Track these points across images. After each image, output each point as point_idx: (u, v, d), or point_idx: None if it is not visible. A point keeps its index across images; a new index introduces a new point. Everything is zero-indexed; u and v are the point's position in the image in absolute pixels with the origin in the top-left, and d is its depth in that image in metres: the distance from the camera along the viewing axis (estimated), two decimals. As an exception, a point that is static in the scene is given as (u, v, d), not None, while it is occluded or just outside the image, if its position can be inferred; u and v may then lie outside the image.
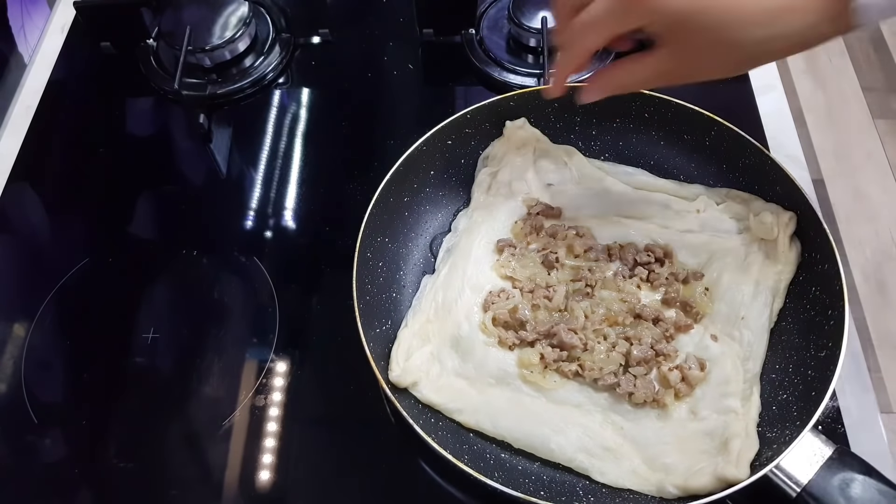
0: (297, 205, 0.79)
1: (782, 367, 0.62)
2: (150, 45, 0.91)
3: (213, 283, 0.74)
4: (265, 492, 0.62)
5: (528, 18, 0.85)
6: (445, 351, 0.64)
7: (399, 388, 0.61)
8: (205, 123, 0.85)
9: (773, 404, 0.60)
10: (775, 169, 0.67)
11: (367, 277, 0.65)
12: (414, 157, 0.70)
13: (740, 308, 0.64)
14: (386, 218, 0.69)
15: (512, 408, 0.61)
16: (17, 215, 0.81)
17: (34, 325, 0.71)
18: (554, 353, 0.62)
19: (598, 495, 0.57)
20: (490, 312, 0.65)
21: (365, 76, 0.90)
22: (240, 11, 0.89)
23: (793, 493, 0.54)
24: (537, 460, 0.60)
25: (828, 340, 0.59)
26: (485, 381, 0.63)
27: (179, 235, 0.78)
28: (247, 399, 0.66)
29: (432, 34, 0.91)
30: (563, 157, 0.74)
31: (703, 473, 0.55)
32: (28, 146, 0.85)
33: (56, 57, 0.93)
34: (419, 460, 0.62)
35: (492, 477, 0.54)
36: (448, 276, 0.67)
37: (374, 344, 0.61)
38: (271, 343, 0.69)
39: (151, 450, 0.64)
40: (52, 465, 0.64)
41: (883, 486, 0.53)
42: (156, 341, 0.70)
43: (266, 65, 0.89)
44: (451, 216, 0.74)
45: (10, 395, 0.68)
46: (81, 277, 0.74)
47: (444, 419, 0.61)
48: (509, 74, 0.86)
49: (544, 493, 0.56)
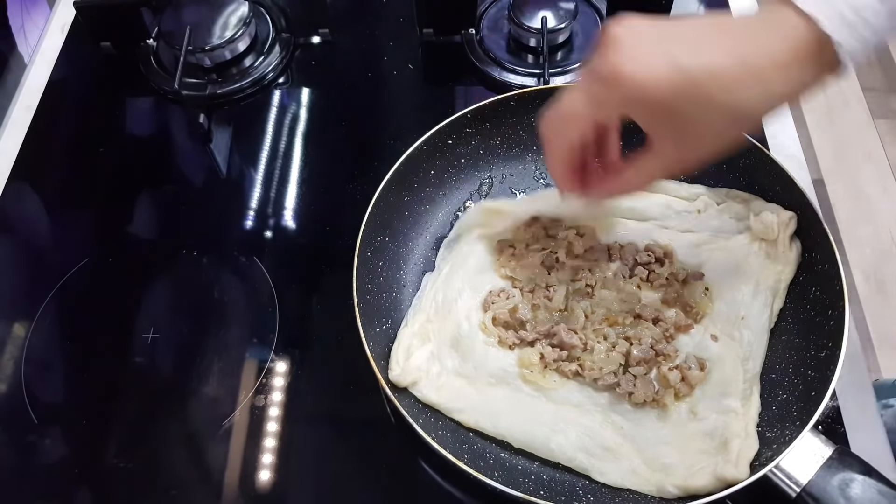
0: (297, 205, 0.79)
1: (782, 368, 0.62)
2: (150, 45, 0.91)
3: (213, 283, 0.74)
4: (265, 492, 0.62)
5: (528, 18, 0.85)
6: (445, 350, 0.64)
7: (399, 388, 0.61)
8: (205, 123, 0.85)
9: (772, 404, 0.60)
10: (775, 169, 0.67)
11: (368, 277, 0.65)
12: (414, 157, 0.70)
13: (740, 308, 0.64)
14: (386, 217, 0.69)
15: (511, 407, 0.61)
16: (17, 215, 0.81)
17: (34, 325, 0.71)
18: (554, 353, 0.62)
19: (597, 495, 0.57)
20: (490, 312, 0.65)
21: (365, 76, 0.90)
22: (240, 11, 0.89)
23: (792, 494, 0.54)
24: (537, 460, 0.60)
25: (828, 340, 0.59)
26: (485, 380, 0.63)
27: (179, 235, 0.78)
28: (247, 399, 0.66)
29: (432, 34, 0.91)
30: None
31: (703, 473, 0.55)
32: (28, 146, 0.85)
33: (56, 57, 0.93)
34: (419, 460, 0.62)
35: (491, 476, 0.54)
36: (448, 275, 0.67)
37: (375, 343, 0.61)
38: (271, 343, 0.69)
39: (151, 450, 0.64)
40: (52, 465, 0.64)
41: (883, 487, 0.53)
42: (156, 341, 0.70)
43: (266, 65, 0.89)
44: (451, 216, 0.74)
45: (10, 395, 0.68)
46: (81, 277, 0.74)
47: (444, 419, 0.61)
48: (509, 74, 0.86)
49: (544, 492, 0.56)
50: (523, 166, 0.77)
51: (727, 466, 0.54)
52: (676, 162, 0.52)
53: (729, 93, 0.46)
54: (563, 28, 0.85)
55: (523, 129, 0.76)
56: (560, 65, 0.86)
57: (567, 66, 0.86)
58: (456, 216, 0.74)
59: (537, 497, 0.53)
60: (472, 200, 0.75)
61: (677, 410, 0.61)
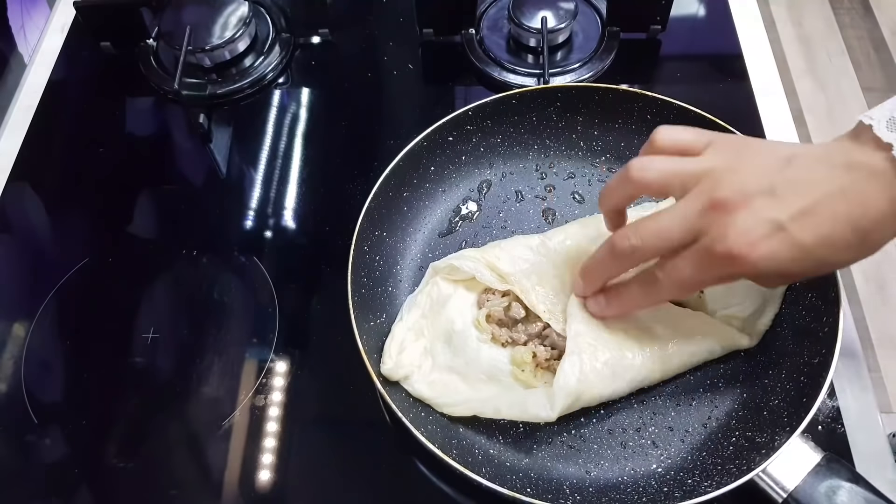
0: (297, 205, 0.79)
1: (775, 373, 0.61)
2: (150, 45, 0.91)
3: (213, 283, 0.74)
4: (265, 492, 0.62)
5: (528, 18, 0.85)
6: (438, 346, 0.64)
7: (390, 382, 0.61)
8: (205, 123, 0.85)
9: (764, 409, 0.60)
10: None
11: (363, 271, 0.65)
12: (414, 153, 0.70)
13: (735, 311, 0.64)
14: (384, 212, 0.69)
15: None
16: (17, 215, 0.81)
17: (34, 325, 0.71)
18: (546, 353, 0.62)
19: (584, 493, 0.57)
20: (484, 309, 0.65)
21: (365, 76, 0.90)
22: (240, 11, 0.89)
23: (779, 499, 0.54)
24: (526, 457, 0.60)
25: (822, 347, 0.58)
26: (476, 376, 0.62)
27: (179, 235, 0.78)
28: (247, 399, 0.66)
29: (432, 34, 0.91)
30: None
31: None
32: (28, 146, 0.85)
33: (56, 57, 0.93)
34: (415, 460, 0.62)
35: (479, 473, 0.54)
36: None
37: (368, 337, 0.61)
38: (271, 343, 0.69)
39: (151, 450, 0.64)
40: (52, 465, 0.64)
41: (870, 495, 0.53)
42: (156, 341, 0.70)
43: (266, 65, 0.89)
44: (450, 212, 0.74)
45: (10, 395, 0.68)
46: (81, 277, 0.74)
47: (435, 413, 0.61)
48: (509, 74, 0.86)
49: (531, 490, 0.56)
50: (524, 165, 0.77)
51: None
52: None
53: (838, 256, 0.47)
54: (563, 28, 0.85)
55: (524, 128, 0.76)
56: (560, 65, 0.86)
57: (567, 66, 0.86)
58: (455, 214, 0.74)
59: (524, 494, 0.53)
60: (472, 199, 0.75)
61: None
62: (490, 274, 0.64)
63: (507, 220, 0.74)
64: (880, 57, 2.23)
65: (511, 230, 0.73)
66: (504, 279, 0.64)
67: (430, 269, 0.66)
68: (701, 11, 0.94)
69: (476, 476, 0.54)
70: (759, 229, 0.46)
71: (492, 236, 0.72)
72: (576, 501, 0.56)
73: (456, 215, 0.74)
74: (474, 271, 0.64)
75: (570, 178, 0.76)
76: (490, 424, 0.61)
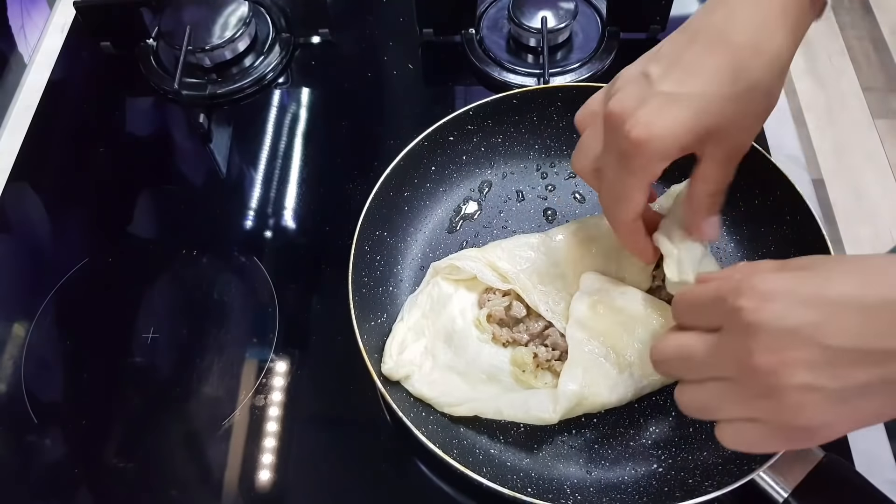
0: (297, 205, 0.79)
1: None
2: (150, 45, 0.91)
3: (213, 283, 0.74)
4: (265, 491, 0.62)
5: (528, 18, 0.85)
6: (439, 346, 0.64)
7: (391, 381, 0.61)
8: (205, 123, 0.85)
9: None
10: (775, 172, 0.67)
11: (364, 270, 0.65)
12: (415, 152, 0.70)
13: None
14: (385, 212, 0.69)
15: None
16: (17, 215, 0.81)
17: (34, 325, 0.71)
18: (547, 353, 0.62)
19: (585, 493, 0.57)
20: (485, 309, 0.65)
21: (365, 76, 0.90)
22: (240, 11, 0.89)
23: (779, 499, 0.53)
24: (527, 457, 0.60)
25: None
26: (476, 376, 0.62)
27: (179, 235, 0.78)
28: (247, 399, 0.66)
29: (432, 34, 0.91)
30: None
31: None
32: (28, 146, 0.85)
33: (56, 57, 0.93)
34: (416, 460, 0.62)
35: (480, 472, 0.54)
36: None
37: (369, 337, 0.61)
38: (271, 343, 0.69)
39: (151, 450, 0.64)
40: (52, 465, 0.64)
41: (870, 495, 0.53)
42: (156, 341, 0.70)
43: (266, 65, 0.89)
44: (450, 212, 0.74)
45: (10, 395, 0.68)
46: (81, 277, 0.74)
47: (435, 413, 0.61)
48: (509, 74, 0.86)
49: (532, 489, 0.56)
50: (525, 164, 0.76)
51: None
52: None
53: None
54: (563, 28, 0.85)
55: (525, 128, 0.75)
56: (560, 65, 0.86)
57: (567, 65, 0.86)
58: (456, 213, 0.74)
59: (525, 494, 0.53)
60: (473, 198, 0.75)
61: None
62: (491, 273, 0.64)
63: (507, 220, 0.74)
64: (880, 57, 2.23)
65: (512, 230, 0.73)
66: (505, 278, 0.64)
67: (430, 268, 0.66)
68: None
69: (477, 476, 0.54)
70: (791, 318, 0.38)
71: (493, 236, 0.72)
72: (577, 501, 0.56)
73: (457, 215, 0.74)
74: (475, 271, 0.64)
75: (570, 177, 0.76)
76: (491, 424, 0.61)
